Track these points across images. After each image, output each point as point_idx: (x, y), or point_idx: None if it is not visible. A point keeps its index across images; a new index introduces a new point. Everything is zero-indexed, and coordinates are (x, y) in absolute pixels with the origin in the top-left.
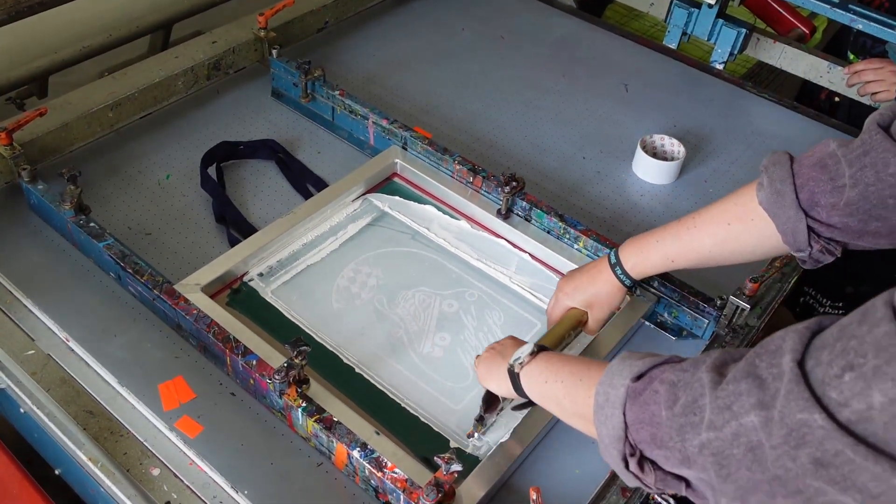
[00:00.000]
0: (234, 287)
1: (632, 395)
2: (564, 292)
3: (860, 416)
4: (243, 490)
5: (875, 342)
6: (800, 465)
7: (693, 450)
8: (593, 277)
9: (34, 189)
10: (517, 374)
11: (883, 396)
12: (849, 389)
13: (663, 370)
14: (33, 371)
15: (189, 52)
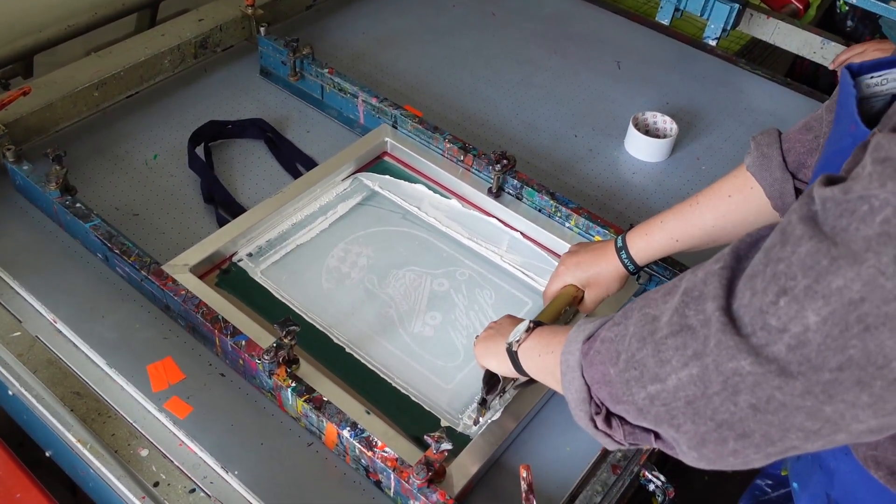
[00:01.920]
0: (223, 267)
1: (584, 356)
2: (566, 266)
3: (798, 340)
4: (233, 470)
5: (801, 262)
6: (741, 410)
7: (643, 402)
8: (597, 258)
9: (19, 170)
10: (515, 352)
11: (816, 316)
12: (785, 314)
13: (606, 327)
14: (20, 353)
15: (175, 29)
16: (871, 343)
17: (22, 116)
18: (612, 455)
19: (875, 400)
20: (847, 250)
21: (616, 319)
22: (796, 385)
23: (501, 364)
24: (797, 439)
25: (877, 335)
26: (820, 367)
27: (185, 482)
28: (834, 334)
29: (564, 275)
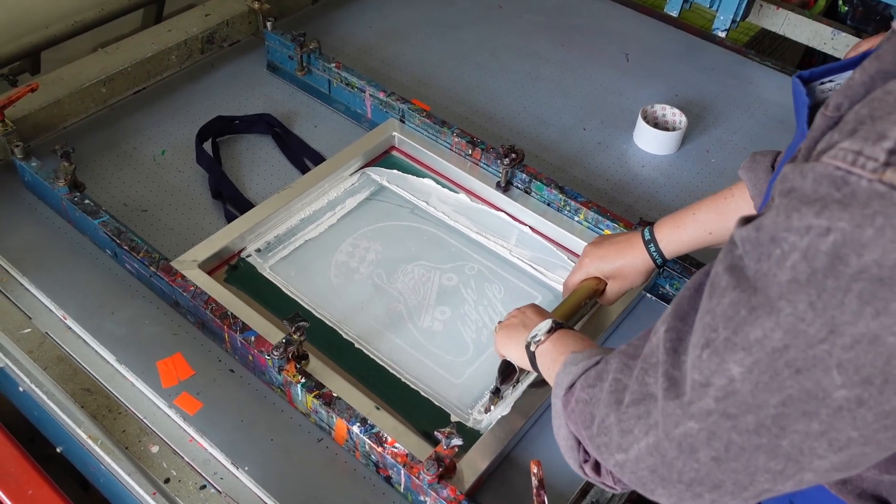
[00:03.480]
0: (232, 263)
1: (565, 409)
2: (590, 258)
3: (725, 392)
4: (244, 466)
5: (723, 313)
6: (704, 465)
7: (615, 468)
8: (622, 251)
9: (28, 166)
10: (534, 353)
11: (739, 367)
12: (707, 367)
13: (582, 382)
14: (30, 349)
15: (182, 25)
16: (806, 383)
17: (30, 113)
18: None
19: (826, 428)
20: (765, 298)
21: (591, 378)
22: (748, 420)
23: (521, 357)
24: (767, 482)
25: (810, 376)
26: (761, 406)
27: (195, 478)
28: (764, 381)
29: (588, 266)
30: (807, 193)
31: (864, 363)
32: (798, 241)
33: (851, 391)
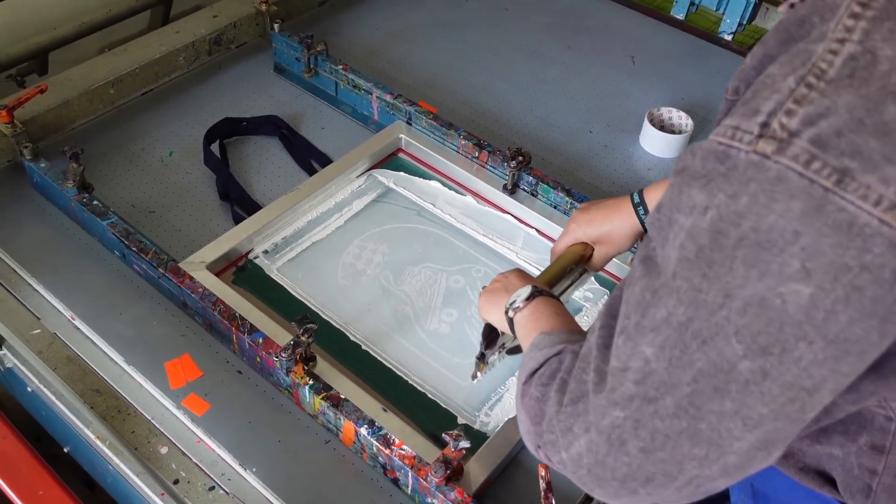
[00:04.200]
0: (240, 264)
1: (521, 400)
2: (577, 223)
3: (642, 374)
4: (251, 468)
5: (634, 300)
6: (634, 458)
7: (559, 466)
8: (610, 214)
9: (36, 167)
10: (512, 319)
11: (651, 347)
12: (623, 353)
13: (537, 379)
14: (39, 350)
15: (190, 26)
16: (711, 353)
17: (39, 114)
18: None
19: (738, 406)
20: (665, 279)
21: (545, 377)
22: (667, 402)
23: (501, 321)
24: (694, 468)
25: (714, 345)
26: (677, 385)
27: (204, 479)
28: (676, 356)
29: (575, 232)
30: (696, 170)
31: (758, 330)
32: (684, 222)
33: (754, 362)
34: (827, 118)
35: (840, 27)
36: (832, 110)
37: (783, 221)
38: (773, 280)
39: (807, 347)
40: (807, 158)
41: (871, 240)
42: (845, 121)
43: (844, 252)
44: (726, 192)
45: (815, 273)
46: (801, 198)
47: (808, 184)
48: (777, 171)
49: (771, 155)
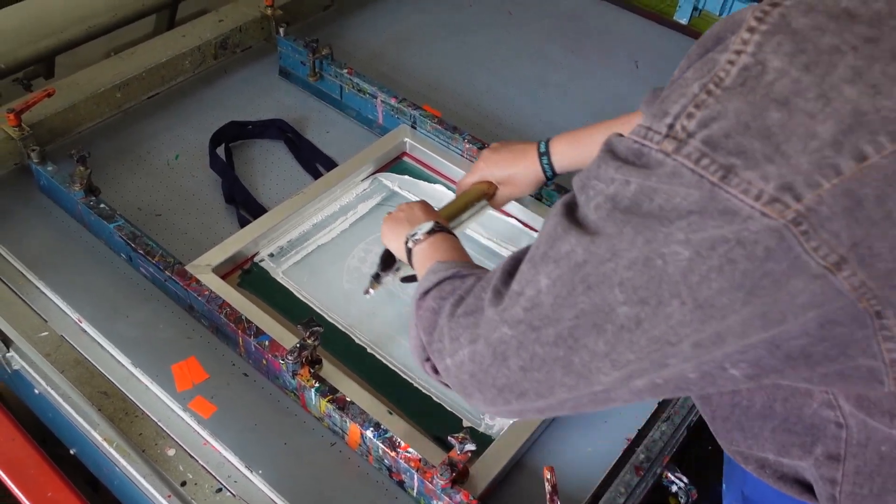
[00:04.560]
0: (245, 268)
1: (415, 313)
2: (486, 162)
3: (533, 303)
4: (257, 470)
5: (547, 233)
6: (514, 373)
7: (444, 372)
8: (517, 159)
9: (44, 170)
10: (411, 249)
11: (547, 279)
12: (524, 278)
13: (435, 293)
14: (47, 352)
15: (196, 30)
16: (595, 298)
17: (46, 117)
18: (635, 456)
19: (609, 349)
20: (576, 221)
21: (445, 291)
22: (549, 332)
23: (401, 250)
24: (564, 392)
25: (599, 292)
26: (559, 320)
27: (211, 481)
28: (563, 295)
29: (483, 171)
30: (618, 154)
31: (640, 284)
32: (604, 188)
33: (632, 309)
34: (718, 121)
35: (739, 40)
36: (723, 114)
37: (684, 203)
38: (659, 244)
39: (679, 306)
40: (698, 156)
41: (750, 222)
42: (733, 124)
43: (724, 228)
44: (636, 179)
45: (694, 242)
46: (698, 189)
47: (699, 179)
48: (673, 167)
49: (671, 153)
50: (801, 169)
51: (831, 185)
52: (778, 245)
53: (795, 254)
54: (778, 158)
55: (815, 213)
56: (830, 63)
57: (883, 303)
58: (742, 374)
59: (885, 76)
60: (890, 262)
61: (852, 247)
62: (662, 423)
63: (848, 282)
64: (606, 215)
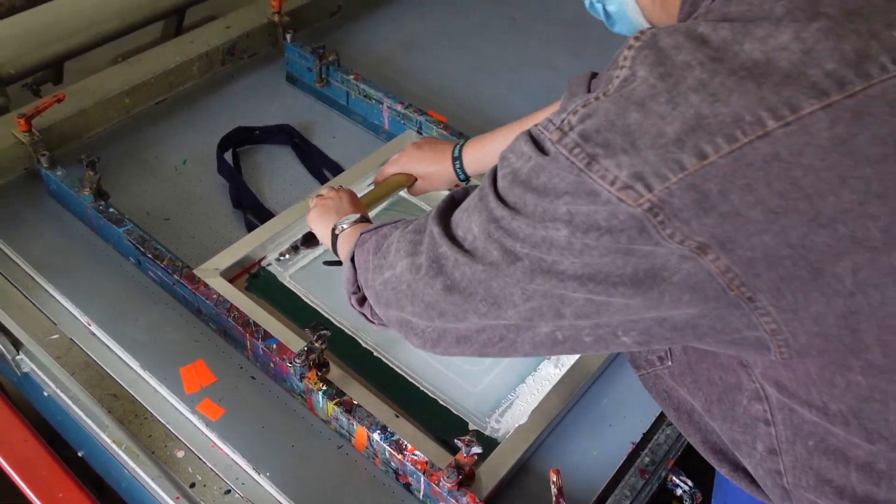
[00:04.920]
0: (253, 272)
1: (359, 244)
2: (408, 157)
3: (466, 237)
4: (265, 472)
5: (478, 189)
6: (437, 292)
7: (380, 287)
8: (436, 159)
9: (53, 175)
10: (336, 236)
11: (476, 226)
12: (463, 224)
13: (390, 227)
14: (58, 355)
15: (204, 37)
16: (507, 244)
17: (55, 123)
18: (640, 460)
19: (524, 277)
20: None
21: (398, 224)
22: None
23: (325, 235)
24: (476, 316)
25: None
26: (484, 256)
27: (220, 483)
28: (484, 239)
29: (405, 164)
30: (529, 137)
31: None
32: (514, 161)
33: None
34: (592, 118)
35: (622, 56)
36: (596, 113)
37: (562, 184)
38: (548, 214)
39: (569, 265)
40: (572, 146)
41: (611, 206)
42: (602, 121)
43: (596, 213)
44: (534, 158)
45: (574, 223)
46: (569, 173)
47: (570, 164)
48: (555, 153)
49: (555, 142)
50: (649, 161)
51: (677, 178)
52: (639, 233)
53: (655, 241)
54: (632, 151)
55: (668, 204)
56: (682, 75)
57: (752, 289)
58: (633, 341)
59: (724, 87)
60: (748, 251)
61: (710, 236)
62: (667, 427)
63: (714, 265)
64: (508, 185)
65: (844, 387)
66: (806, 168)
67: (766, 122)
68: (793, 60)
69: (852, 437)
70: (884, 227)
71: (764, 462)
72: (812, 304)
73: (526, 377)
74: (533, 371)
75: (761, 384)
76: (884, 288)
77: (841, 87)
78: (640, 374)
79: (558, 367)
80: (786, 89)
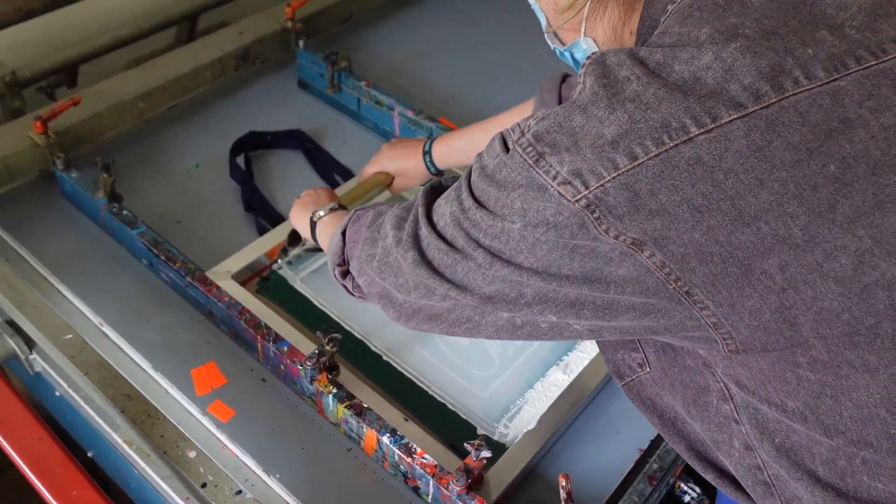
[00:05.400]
0: (264, 275)
1: (354, 219)
2: (383, 156)
3: (441, 223)
4: (275, 474)
5: (457, 183)
6: (408, 265)
7: (367, 258)
8: (409, 155)
9: (68, 177)
10: (315, 223)
11: (448, 209)
12: (441, 207)
13: (387, 206)
14: (72, 354)
15: (217, 42)
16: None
17: (70, 125)
18: (648, 466)
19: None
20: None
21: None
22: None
23: (305, 229)
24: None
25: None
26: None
27: (231, 483)
28: (453, 225)
29: (381, 163)
30: (500, 136)
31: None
32: (484, 157)
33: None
34: (545, 122)
35: (581, 73)
36: (549, 117)
37: (517, 178)
38: (507, 210)
39: (524, 259)
40: (526, 145)
41: (554, 200)
42: (552, 124)
43: (545, 207)
44: (500, 156)
45: (527, 217)
46: (522, 168)
47: (523, 161)
48: (513, 151)
49: (515, 142)
50: (587, 159)
51: (611, 177)
52: (580, 229)
53: (594, 236)
54: (573, 149)
55: (603, 202)
56: (621, 87)
57: (688, 284)
58: (584, 329)
59: (655, 97)
60: (681, 247)
61: (643, 233)
62: None
63: (651, 261)
64: (478, 178)
65: (797, 383)
66: (726, 171)
67: (689, 128)
68: (716, 77)
69: (812, 434)
70: (803, 226)
71: (743, 459)
72: (747, 298)
73: (534, 383)
74: (542, 377)
75: (725, 383)
76: (813, 283)
77: (757, 99)
78: (624, 384)
79: (567, 373)
80: (708, 101)
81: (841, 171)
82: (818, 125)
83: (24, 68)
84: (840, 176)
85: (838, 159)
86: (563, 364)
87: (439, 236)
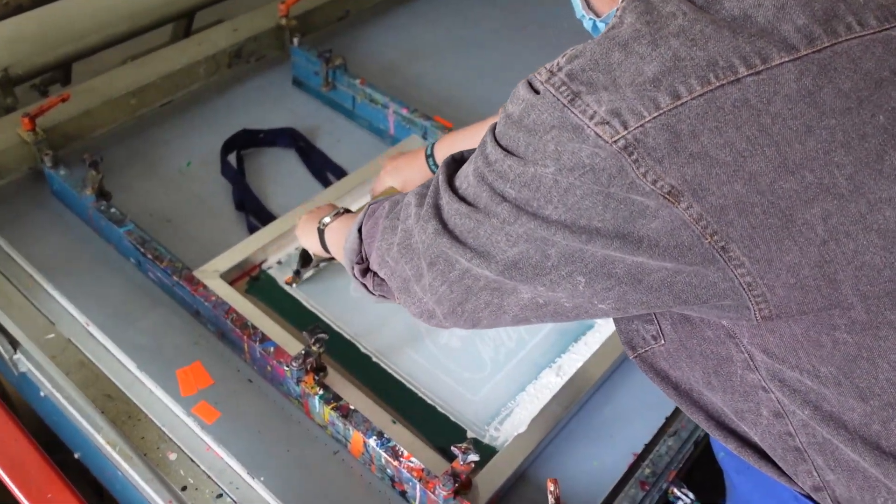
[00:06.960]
0: (253, 275)
1: (369, 213)
2: (386, 171)
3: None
4: (259, 476)
5: (480, 144)
6: (429, 236)
7: (386, 248)
8: (411, 162)
9: (56, 174)
10: (322, 230)
11: (472, 173)
12: (463, 175)
13: (402, 195)
14: (53, 354)
15: (211, 39)
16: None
17: (60, 122)
18: (641, 471)
19: (504, 219)
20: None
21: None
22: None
23: (314, 244)
24: (462, 264)
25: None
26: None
27: (211, 487)
28: (477, 182)
29: (385, 178)
30: (526, 82)
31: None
32: (508, 106)
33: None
34: (578, 59)
35: (617, 11)
36: (583, 54)
37: (549, 119)
38: (540, 154)
39: (552, 209)
40: (559, 84)
41: (591, 141)
42: (588, 61)
43: (580, 149)
44: (527, 99)
45: (562, 154)
46: (555, 108)
47: (555, 100)
48: (543, 91)
49: (544, 82)
50: (626, 98)
51: (652, 117)
52: (618, 172)
53: (630, 179)
54: (612, 88)
55: (642, 143)
56: (665, 22)
57: (724, 238)
58: (610, 308)
59: (702, 34)
60: (720, 198)
61: (682, 180)
62: (669, 438)
63: (687, 213)
64: (503, 127)
65: (832, 347)
66: (774, 115)
67: (738, 68)
68: (767, 16)
69: (846, 399)
70: (849, 175)
71: (772, 427)
72: (786, 253)
73: (526, 385)
74: (534, 379)
75: (750, 353)
76: (855, 235)
77: (810, 42)
78: (636, 356)
79: (560, 375)
80: (759, 41)
81: (890, 122)
82: (869, 73)
83: (16, 65)
84: (889, 127)
85: (888, 110)
86: (556, 366)
87: (461, 199)
